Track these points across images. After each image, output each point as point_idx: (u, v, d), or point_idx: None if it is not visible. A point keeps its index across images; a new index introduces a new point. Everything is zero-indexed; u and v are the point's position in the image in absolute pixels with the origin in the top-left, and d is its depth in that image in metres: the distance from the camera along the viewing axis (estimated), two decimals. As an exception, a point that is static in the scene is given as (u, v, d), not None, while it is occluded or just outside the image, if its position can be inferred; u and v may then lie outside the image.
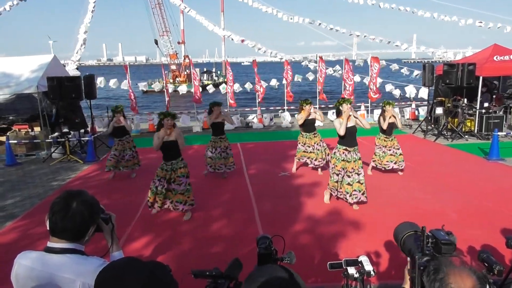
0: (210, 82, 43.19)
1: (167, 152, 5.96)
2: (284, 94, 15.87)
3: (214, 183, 8.01)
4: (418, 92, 16.04)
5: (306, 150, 8.21)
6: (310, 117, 8.08)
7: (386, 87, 16.65)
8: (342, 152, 6.16)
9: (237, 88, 16.36)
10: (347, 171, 6.12)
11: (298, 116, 8.19)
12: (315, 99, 14.96)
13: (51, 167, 9.85)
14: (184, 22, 51.98)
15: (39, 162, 10.41)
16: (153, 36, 47.31)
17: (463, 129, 11.91)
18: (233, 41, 19.69)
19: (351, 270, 2.17)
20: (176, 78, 46.91)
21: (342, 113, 6.08)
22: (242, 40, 18.84)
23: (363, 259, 2.18)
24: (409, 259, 1.58)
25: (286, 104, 16.18)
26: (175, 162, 5.95)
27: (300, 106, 8.16)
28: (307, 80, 17.82)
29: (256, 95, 15.87)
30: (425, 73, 12.21)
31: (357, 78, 16.04)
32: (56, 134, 11.27)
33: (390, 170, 8.02)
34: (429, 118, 12.79)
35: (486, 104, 12.01)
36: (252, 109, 17.45)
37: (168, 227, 5.82)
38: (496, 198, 6.53)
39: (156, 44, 47.90)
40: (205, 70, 56.99)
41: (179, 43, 50.86)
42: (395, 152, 7.92)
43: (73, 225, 1.66)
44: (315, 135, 8.23)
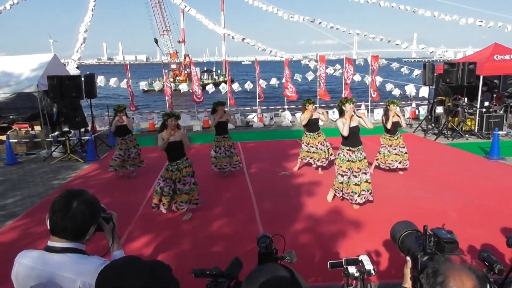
0: (210, 81, 43.23)
1: (171, 153, 5.93)
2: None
3: (214, 182, 8.01)
4: (418, 91, 16.02)
5: (310, 150, 8.20)
6: (314, 116, 8.07)
7: (387, 87, 16.63)
8: (346, 153, 6.09)
9: (236, 87, 16.34)
10: (353, 171, 6.05)
11: (301, 116, 8.17)
12: (315, 99, 14.92)
13: (52, 166, 9.86)
14: (184, 21, 52.04)
15: (40, 161, 10.42)
16: (153, 35, 47.45)
17: (464, 128, 11.89)
18: (233, 39, 19.66)
19: (352, 269, 2.16)
20: (177, 77, 46.98)
21: (345, 113, 6.01)
22: (243, 39, 18.79)
23: (364, 258, 2.18)
24: (408, 258, 1.57)
25: (286, 103, 16.16)
26: (180, 162, 5.94)
27: (303, 106, 8.14)
28: (306, 80, 17.78)
29: (257, 94, 15.84)
30: (425, 72, 12.19)
31: (357, 77, 16.02)
32: (56, 133, 11.29)
33: (391, 169, 8.01)
34: (429, 117, 12.77)
35: (486, 103, 11.99)
36: (253, 108, 17.44)
37: (168, 226, 5.82)
38: (496, 197, 6.53)
39: (156, 43, 47.96)
40: (205, 69, 57.08)
41: (179, 42, 50.88)
42: (401, 151, 7.90)
43: (73, 224, 1.66)
44: (319, 135, 8.23)
